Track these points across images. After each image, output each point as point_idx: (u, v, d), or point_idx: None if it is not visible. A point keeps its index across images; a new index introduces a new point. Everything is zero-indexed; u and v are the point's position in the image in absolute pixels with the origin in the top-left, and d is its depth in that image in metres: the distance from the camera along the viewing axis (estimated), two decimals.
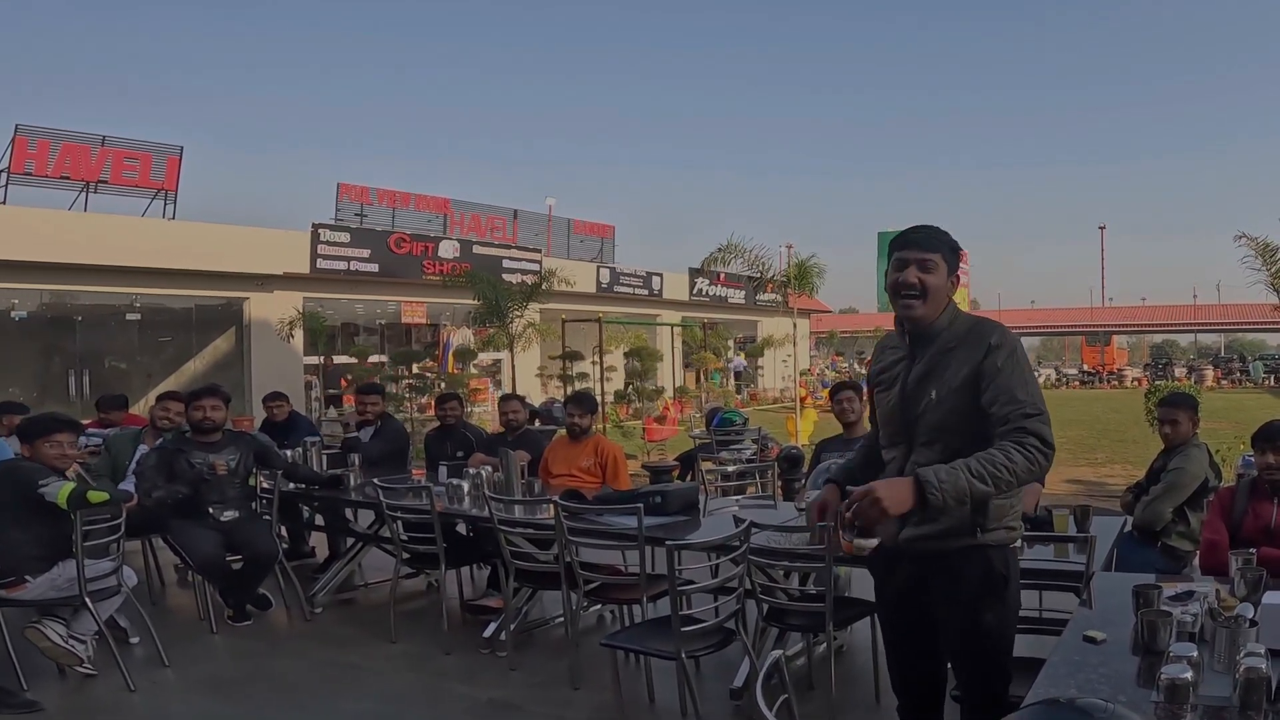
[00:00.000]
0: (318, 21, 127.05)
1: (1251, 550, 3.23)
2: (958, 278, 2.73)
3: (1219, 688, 2.12)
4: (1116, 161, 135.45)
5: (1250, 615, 2.39)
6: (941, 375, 2.63)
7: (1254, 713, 1.98)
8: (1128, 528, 4.74)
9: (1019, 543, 2.76)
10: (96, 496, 4.71)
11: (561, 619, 5.06)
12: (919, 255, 2.65)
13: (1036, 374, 2.79)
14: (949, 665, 2.87)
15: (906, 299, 2.65)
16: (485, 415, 17.58)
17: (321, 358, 18.29)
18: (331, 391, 19.15)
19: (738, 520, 4.05)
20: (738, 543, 3.89)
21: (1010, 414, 2.49)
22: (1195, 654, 2.14)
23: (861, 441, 3.23)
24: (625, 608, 5.03)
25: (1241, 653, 2.10)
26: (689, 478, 9.10)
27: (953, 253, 2.70)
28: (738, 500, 5.63)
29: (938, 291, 2.65)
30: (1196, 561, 4.22)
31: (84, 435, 6.33)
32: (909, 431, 2.69)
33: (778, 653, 2.23)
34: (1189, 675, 2.03)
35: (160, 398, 6.70)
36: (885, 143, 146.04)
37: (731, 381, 29.68)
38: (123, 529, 4.83)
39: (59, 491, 4.60)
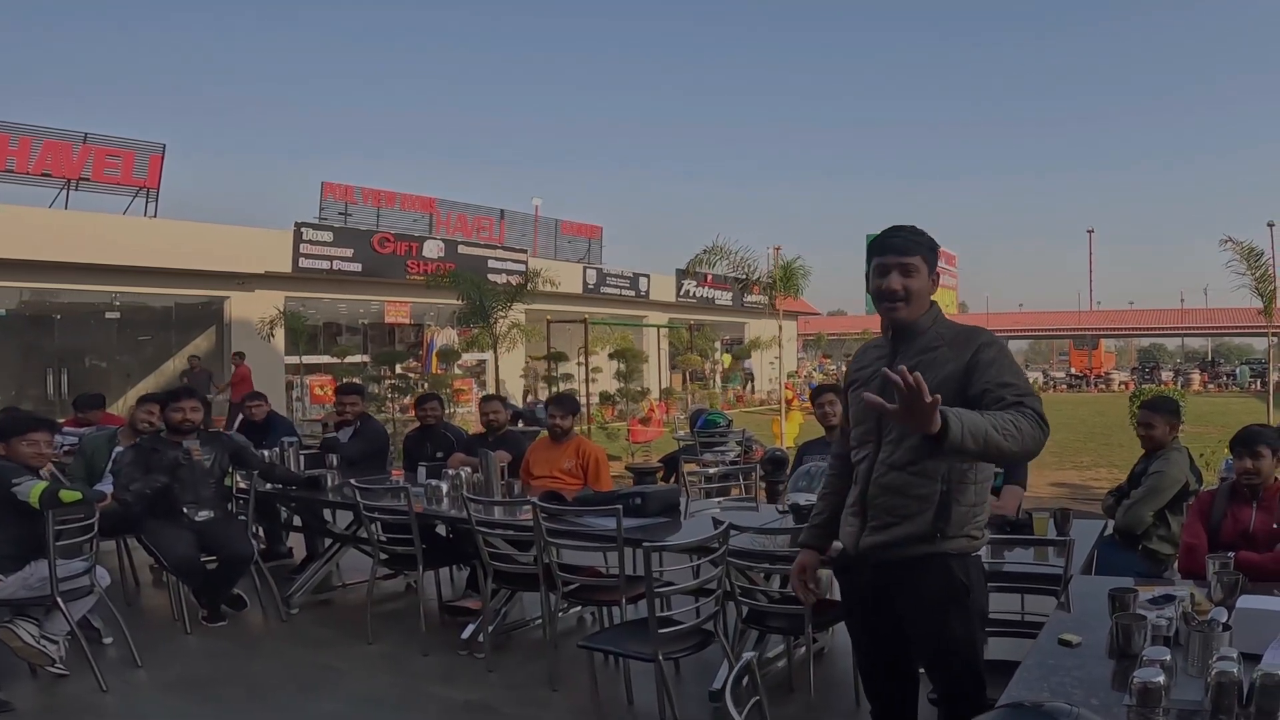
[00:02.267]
0: (304, 20, 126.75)
1: (1229, 554, 3.23)
2: (938, 275, 2.73)
3: (1191, 692, 2.10)
4: (1105, 166, 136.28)
5: (1224, 619, 2.38)
6: (924, 373, 2.60)
7: (1225, 717, 1.97)
8: (1108, 531, 4.74)
9: (982, 550, 2.73)
10: (69, 496, 4.66)
11: (541, 621, 5.03)
12: (899, 260, 2.65)
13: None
14: (922, 671, 2.86)
15: (890, 304, 2.67)
16: (469, 416, 17.50)
17: (194, 360, 17.00)
18: None
19: (717, 522, 4.03)
20: (716, 544, 3.87)
21: (1005, 395, 2.44)
22: (1168, 658, 2.13)
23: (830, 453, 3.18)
24: (606, 610, 5.00)
25: (1214, 657, 2.09)
26: (673, 480, 9.08)
27: (931, 251, 2.70)
28: (719, 502, 5.61)
29: (920, 294, 2.67)
30: (1177, 565, 4.22)
31: (60, 434, 6.27)
32: (880, 428, 2.68)
33: (749, 655, 2.21)
34: (1161, 679, 2.02)
35: (141, 400, 6.65)
36: (874, 147, 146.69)
37: (749, 383, 29.67)
38: (96, 529, 4.78)
39: (31, 490, 4.56)
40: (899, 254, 2.65)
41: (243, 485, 6.13)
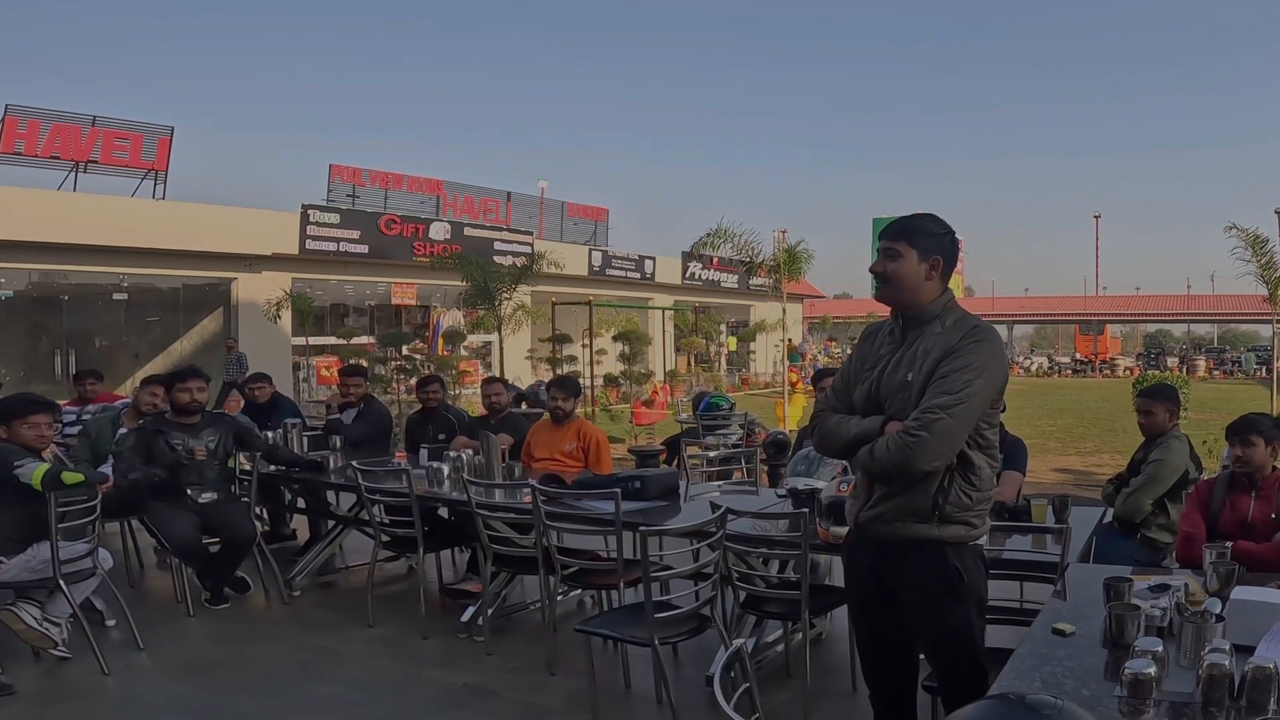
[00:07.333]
0: (313, 3, 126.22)
1: (1226, 544, 3.22)
2: (938, 260, 2.70)
3: (1183, 683, 2.10)
4: (1113, 152, 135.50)
5: (1218, 610, 2.37)
6: (921, 361, 2.64)
7: (1216, 709, 1.96)
8: (1108, 518, 4.73)
9: (983, 540, 2.73)
10: (71, 478, 4.66)
11: (540, 604, 5.03)
12: (884, 244, 2.75)
13: (1028, 362, 2.82)
14: (922, 656, 2.88)
15: (877, 284, 2.78)
16: (474, 398, 17.52)
17: None
18: None
19: (714, 506, 4.03)
20: (713, 528, 3.87)
21: (935, 390, 2.56)
22: (1160, 649, 2.12)
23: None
24: (606, 593, 5.01)
25: (1206, 648, 2.08)
26: (675, 463, 9.08)
27: (929, 237, 2.71)
28: (719, 485, 5.61)
29: (901, 278, 2.70)
30: (1175, 554, 4.20)
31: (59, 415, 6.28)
32: (882, 410, 2.70)
33: (739, 641, 2.21)
34: (1152, 670, 2.01)
35: (145, 381, 6.66)
36: (881, 130, 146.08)
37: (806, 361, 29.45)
38: (98, 511, 4.78)
39: (33, 473, 4.55)
40: (885, 238, 2.76)
41: (246, 467, 6.14)
